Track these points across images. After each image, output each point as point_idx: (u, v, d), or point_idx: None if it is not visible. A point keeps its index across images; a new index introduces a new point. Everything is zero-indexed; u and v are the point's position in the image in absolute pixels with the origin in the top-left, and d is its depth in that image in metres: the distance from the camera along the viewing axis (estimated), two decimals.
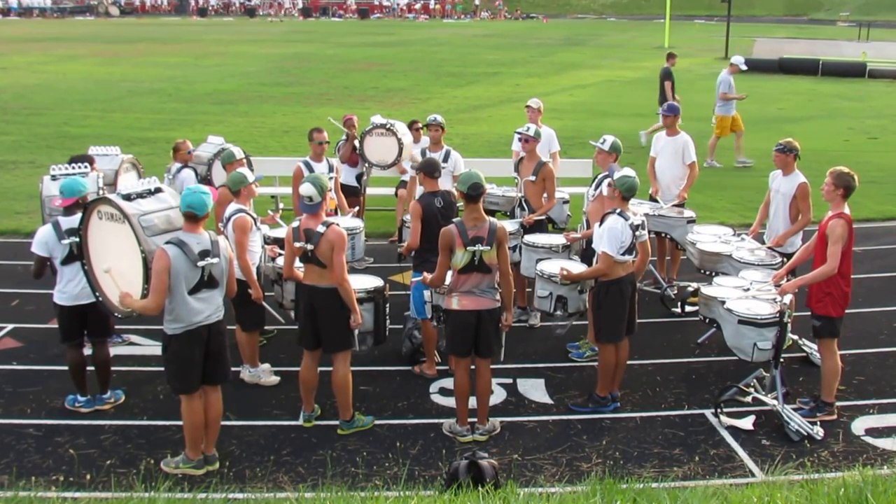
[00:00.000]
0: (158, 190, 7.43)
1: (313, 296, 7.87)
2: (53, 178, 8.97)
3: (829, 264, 8.02)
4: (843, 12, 75.19)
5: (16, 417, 8.35)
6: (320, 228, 7.72)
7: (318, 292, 7.84)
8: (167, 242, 6.96)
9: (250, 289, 8.56)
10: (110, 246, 7.38)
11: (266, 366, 9.19)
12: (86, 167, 9.12)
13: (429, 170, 9.02)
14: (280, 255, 9.13)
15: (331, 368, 8.08)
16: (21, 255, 12.62)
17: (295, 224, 7.96)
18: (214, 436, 7.54)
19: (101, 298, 7.61)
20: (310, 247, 7.71)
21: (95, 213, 7.44)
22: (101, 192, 8.91)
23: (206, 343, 7.21)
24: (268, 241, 9.74)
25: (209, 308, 7.18)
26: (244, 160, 9.98)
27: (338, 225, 7.85)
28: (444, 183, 10.72)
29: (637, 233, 8.27)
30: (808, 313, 8.41)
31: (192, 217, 7.05)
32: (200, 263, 7.00)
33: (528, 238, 9.90)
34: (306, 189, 7.77)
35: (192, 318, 7.07)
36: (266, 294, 9.09)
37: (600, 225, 8.35)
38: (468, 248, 7.58)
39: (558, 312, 8.88)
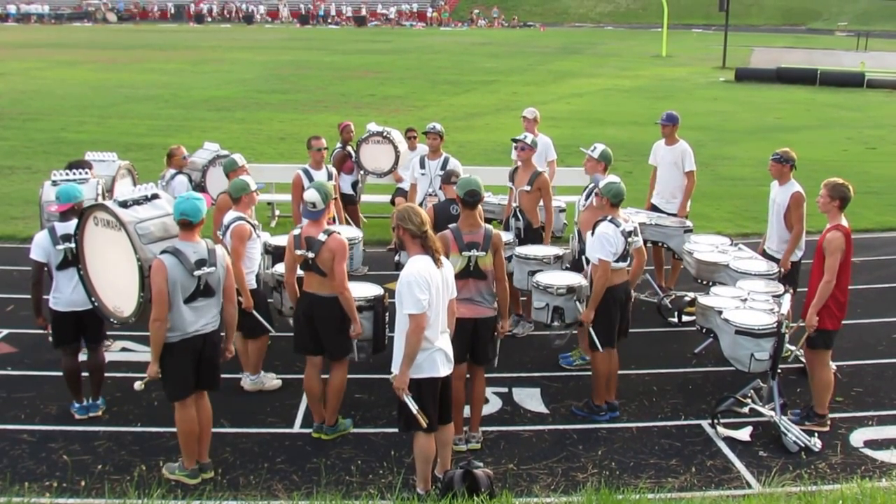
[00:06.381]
0: (155, 196, 7.39)
1: (313, 304, 7.84)
2: (54, 183, 8.96)
3: (827, 277, 8.01)
4: (841, 22, 75.27)
5: (10, 423, 8.31)
6: (321, 237, 7.71)
7: (318, 301, 7.81)
8: (163, 252, 6.91)
9: (240, 297, 8.49)
10: (107, 252, 7.35)
11: (271, 374, 9.15)
12: (86, 173, 9.11)
13: (446, 179, 9.58)
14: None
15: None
16: (17, 261, 12.59)
17: (296, 231, 7.94)
18: (207, 443, 7.49)
19: (96, 304, 7.58)
20: (310, 255, 7.69)
21: (92, 219, 7.41)
22: (99, 198, 8.91)
23: (199, 352, 7.16)
24: (268, 248, 9.71)
25: (205, 317, 7.13)
26: (246, 167, 9.93)
27: (339, 233, 7.83)
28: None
29: (630, 239, 8.25)
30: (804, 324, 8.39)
31: (187, 224, 6.99)
32: (197, 273, 6.94)
33: (520, 250, 9.85)
34: (311, 195, 7.78)
35: (187, 327, 7.02)
36: (266, 300, 9.07)
37: (592, 233, 8.32)
38: (463, 252, 7.56)
39: (555, 323, 8.84)
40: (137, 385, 7.06)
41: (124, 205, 7.18)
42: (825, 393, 8.31)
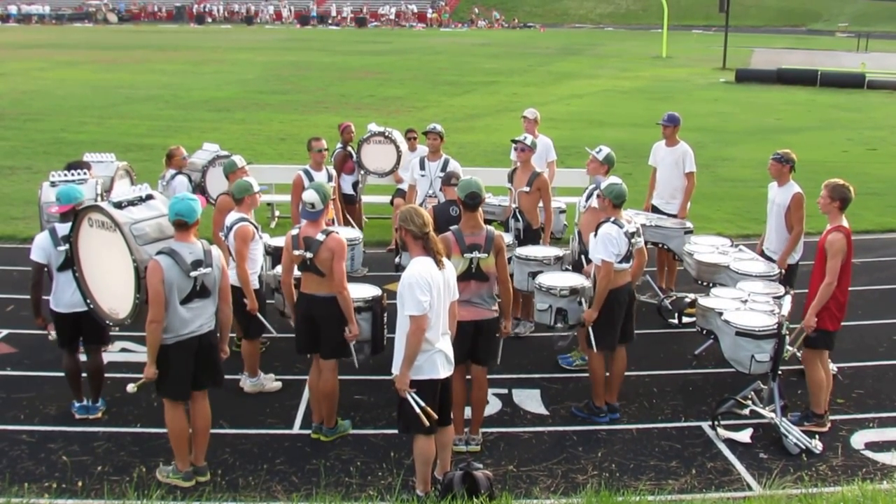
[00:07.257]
0: (150, 197, 7.38)
1: (312, 305, 7.82)
2: (53, 184, 8.96)
3: (828, 279, 7.99)
4: (841, 23, 75.35)
5: (9, 423, 8.29)
6: (320, 237, 7.68)
7: (316, 301, 7.78)
8: (159, 253, 6.87)
9: (245, 298, 8.50)
10: (102, 254, 7.32)
11: (270, 375, 9.13)
12: (85, 174, 9.09)
13: (447, 180, 9.61)
14: None
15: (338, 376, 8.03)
16: (17, 261, 12.58)
17: (294, 232, 7.92)
18: (204, 446, 7.44)
19: (92, 306, 7.56)
20: (308, 255, 7.67)
21: (86, 220, 7.39)
22: (98, 198, 8.90)
23: (196, 353, 7.13)
24: (268, 250, 9.69)
25: (201, 318, 7.09)
26: (246, 168, 9.92)
27: (337, 233, 7.81)
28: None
29: (633, 240, 8.24)
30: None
31: (183, 225, 6.95)
32: (193, 274, 6.90)
33: (520, 251, 9.84)
34: (309, 195, 7.77)
35: (183, 328, 6.98)
36: (266, 301, 9.05)
37: (595, 235, 8.31)
38: (465, 254, 7.55)
39: (559, 325, 8.82)
40: (130, 388, 7.03)
41: (119, 206, 7.16)
42: (819, 392, 8.28)
